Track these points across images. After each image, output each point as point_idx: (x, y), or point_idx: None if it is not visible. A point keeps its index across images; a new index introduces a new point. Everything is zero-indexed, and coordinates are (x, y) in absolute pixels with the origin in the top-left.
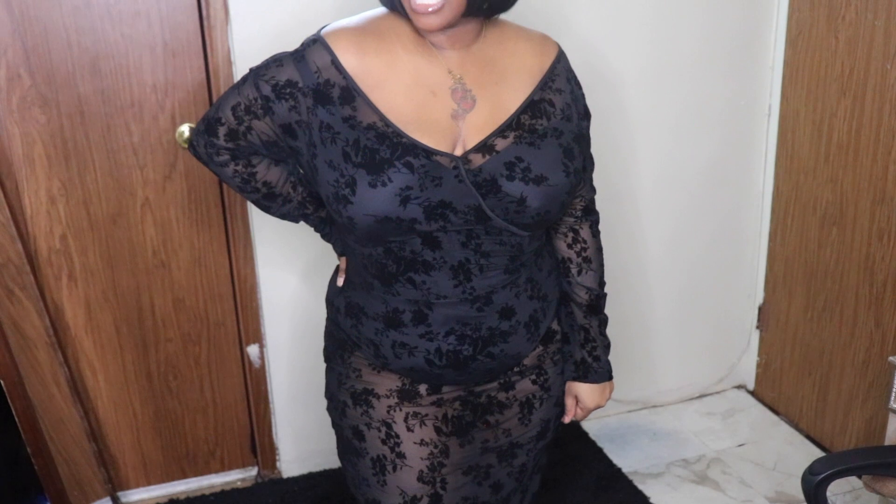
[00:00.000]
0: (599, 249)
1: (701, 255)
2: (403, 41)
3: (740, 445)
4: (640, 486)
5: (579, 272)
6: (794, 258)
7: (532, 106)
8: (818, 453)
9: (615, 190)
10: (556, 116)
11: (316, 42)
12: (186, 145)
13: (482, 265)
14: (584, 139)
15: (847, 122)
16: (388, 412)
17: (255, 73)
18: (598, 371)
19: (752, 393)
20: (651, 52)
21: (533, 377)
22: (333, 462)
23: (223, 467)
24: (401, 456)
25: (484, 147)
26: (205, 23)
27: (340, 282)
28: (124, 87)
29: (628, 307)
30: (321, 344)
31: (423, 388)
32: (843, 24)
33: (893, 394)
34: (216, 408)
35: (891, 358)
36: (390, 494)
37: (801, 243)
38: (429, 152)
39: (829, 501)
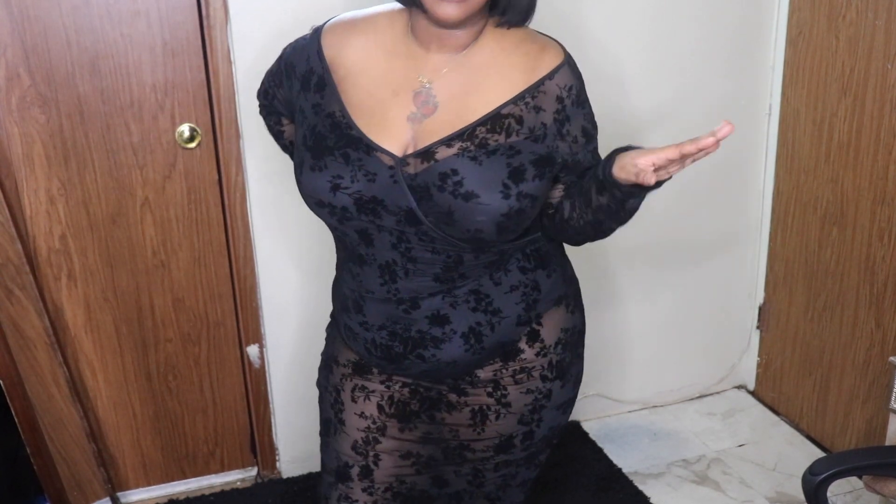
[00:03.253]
0: None
1: (701, 255)
2: (388, 40)
3: (740, 446)
4: (641, 487)
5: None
6: (794, 258)
7: (494, 119)
8: (818, 453)
9: None
10: (519, 134)
11: (316, 31)
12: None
13: (408, 269)
14: (551, 161)
15: (848, 121)
16: (340, 380)
17: (285, 49)
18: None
19: (753, 393)
20: (651, 52)
21: (489, 390)
22: None
23: (223, 468)
24: (342, 422)
25: (425, 154)
26: (204, 22)
27: None
28: (124, 87)
29: (628, 307)
30: (321, 344)
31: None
32: (843, 23)
33: (894, 394)
34: (216, 408)
35: (891, 358)
36: (329, 456)
37: (802, 243)
38: (371, 148)
39: (829, 502)
